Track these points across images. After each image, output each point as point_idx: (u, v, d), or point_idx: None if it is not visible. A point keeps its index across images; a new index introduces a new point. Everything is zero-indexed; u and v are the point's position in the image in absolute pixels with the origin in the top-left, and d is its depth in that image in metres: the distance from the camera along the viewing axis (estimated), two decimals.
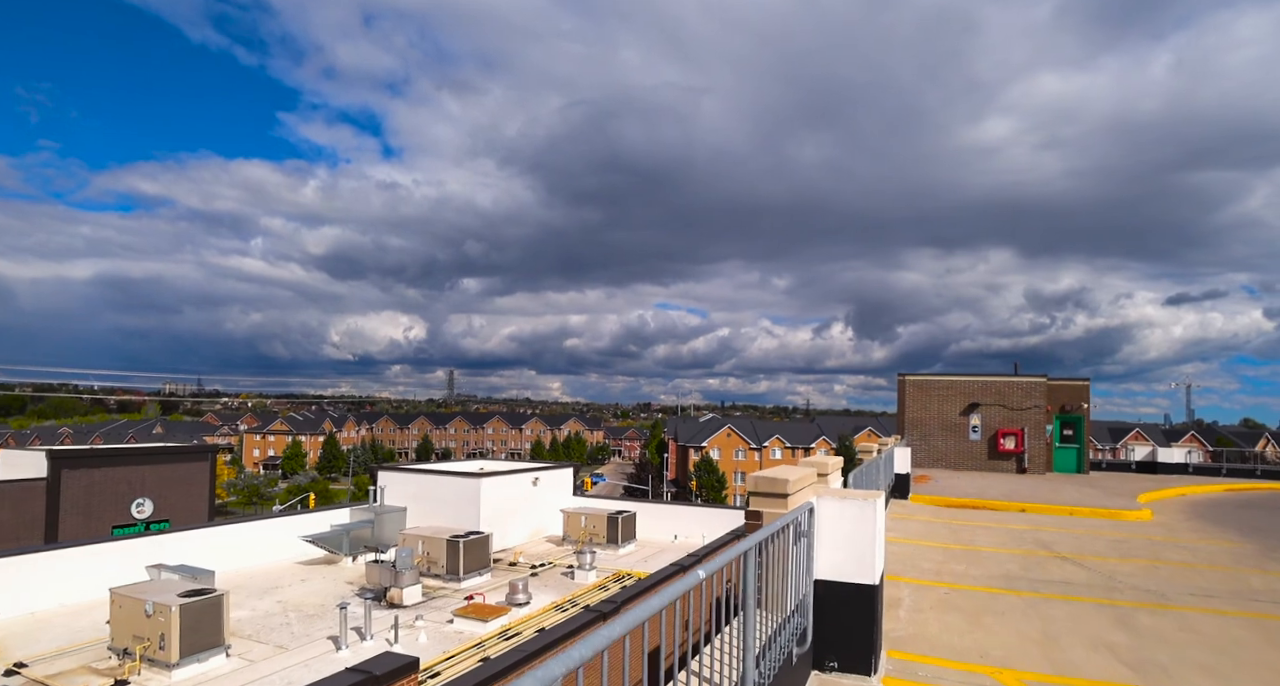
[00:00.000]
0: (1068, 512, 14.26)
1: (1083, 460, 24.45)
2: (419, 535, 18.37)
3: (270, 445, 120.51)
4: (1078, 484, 20.44)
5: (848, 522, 4.47)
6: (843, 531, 4.48)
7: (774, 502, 3.88)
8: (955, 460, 24.20)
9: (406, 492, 22.54)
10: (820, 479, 5.00)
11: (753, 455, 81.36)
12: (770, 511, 3.85)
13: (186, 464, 28.35)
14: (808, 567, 3.93)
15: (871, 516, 4.41)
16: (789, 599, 3.73)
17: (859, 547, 4.45)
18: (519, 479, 23.43)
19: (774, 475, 4.05)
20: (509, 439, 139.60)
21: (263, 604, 15.63)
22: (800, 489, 4.07)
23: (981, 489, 17.89)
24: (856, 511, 4.43)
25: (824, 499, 4.46)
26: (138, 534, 17.23)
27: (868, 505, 4.39)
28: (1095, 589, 7.83)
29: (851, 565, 4.46)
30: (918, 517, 13.25)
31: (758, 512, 3.89)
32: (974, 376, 24.61)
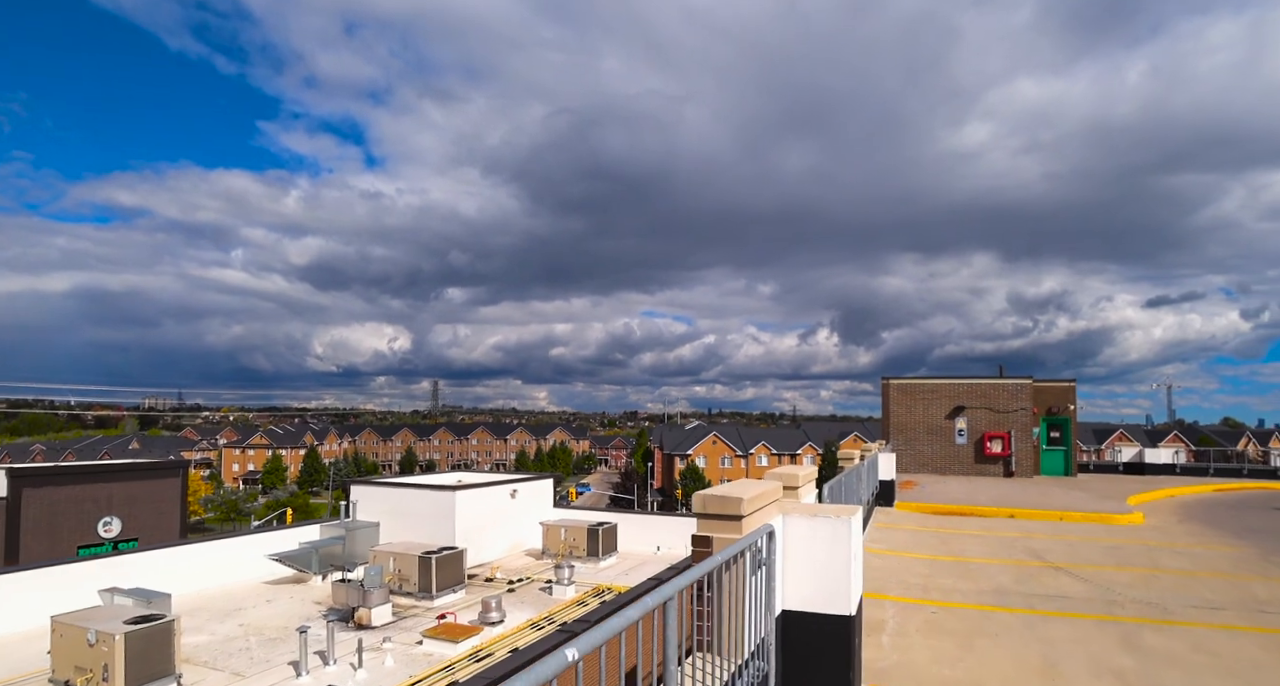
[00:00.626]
0: (1058, 517, 13.76)
1: (1070, 462, 24.05)
2: (390, 551, 17.61)
3: (250, 459, 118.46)
4: (1066, 487, 19.99)
5: (820, 544, 3.85)
6: (814, 555, 3.86)
7: (726, 525, 3.26)
8: (942, 464, 23.71)
9: (380, 507, 21.77)
10: (788, 493, 4.39)
11: (739, 462, 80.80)
12: (722, 536, 3.24)
13: (157, 480, 27.42)
14: (768, 601, 3.31)
15: (846, 537, 3.80)
16: (746, 639, 3.11)
17: (832, 574, 3.83)
18: (496, 491, 22.69)
19: (725, 493, 3.44)
20: (494, 449, 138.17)
21: (223, 627, 14.78)
22: (759, 508, 3.45)
23: (969, 494, 17.38)
24: (829, 531, 3.82)
25: (792, 517, 3.85)
26: (105, 554, 16.47)
27: (842, 524, 3.78)
28: (1094, 603, 7.27)
29: (824, 594, 3.84)
30: (904, 526, 12.68)
31: (706, 538, 3.26)
32: (959, 379, 24.18)
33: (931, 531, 12.14)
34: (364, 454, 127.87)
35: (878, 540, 10.97)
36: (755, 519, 3.39)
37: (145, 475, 26.94)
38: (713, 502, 3.35)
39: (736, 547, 2.93)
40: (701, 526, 3.36)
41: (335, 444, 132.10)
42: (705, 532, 3.31)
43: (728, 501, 3.30)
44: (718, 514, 3.30)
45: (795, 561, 3.90)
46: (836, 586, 3.83)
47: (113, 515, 25.19)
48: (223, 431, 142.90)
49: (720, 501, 3.33)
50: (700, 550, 3.24)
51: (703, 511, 3.35)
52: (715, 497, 3.37)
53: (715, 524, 3.30)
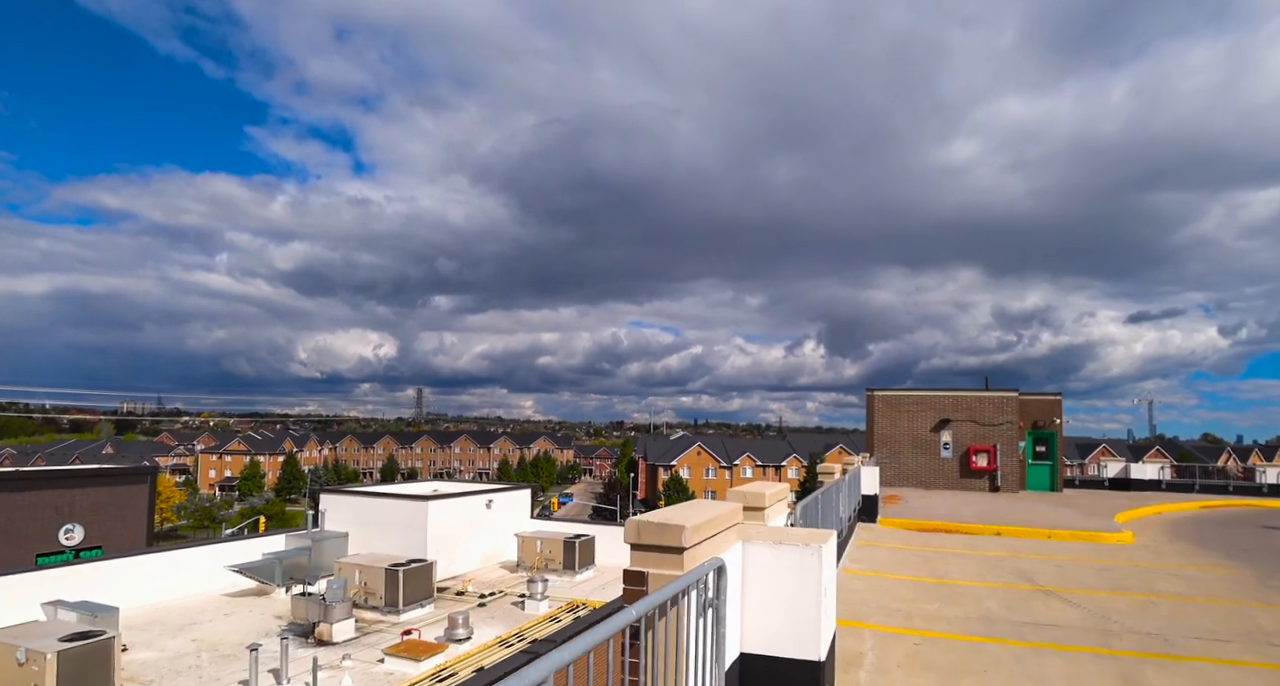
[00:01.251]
0: (1046, 535, 13.25)
1: (1056, 477, 23.65)
2: (356, 563, 16.87)
3: (227, 465, 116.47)
4: (1052, 503, 19.55)
5: (785, 577, 3.27)
6: (778, 589, 3.28)
7: (664, 559, 2.65)
8: (926, 478, 23.23)
9: (350, 517, 21.00)
10: (752, 515, 3.80)
11: (723, 473, 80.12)
12: (660, 572, 2.63)
13: (123, 486, 26.51)
14: (718, 650, 2.71)
15: (816, 568, 3.22)
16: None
17: (800, 611, 3.25)
18: (471, 501, 21.98)
19: (666, 519, 2.79)
20: (477, 458, 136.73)
21: (174, 643, 13.98)
22: (709, 536, 2.85)
23: (954, 509, 16.87)
24: (796, 562, 3.24)
25: (753, 545, 3.26)
26: (65, 562, 15.71)
27: (810, 554, 3.20)
28: (1090, 633, 6.72)
29: (790, 635, 3.25)
30: (886, 543, 12.12)
31: (640, 574, 2.64)
32: (945, 391, 23.75)
33: (915, 549, 11.58)
34: (344, 461, 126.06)
35: (859, 559, 10.40)
36: (703, 549, 2.79)
37: (111, 481, 26.06)
38: (649, 531, 2.70)
39: (677, 586, 2.34)
40: (636, 560, 2.73)
41: (315, 451, 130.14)
42: (640, 567, 2.68)
43: (667, 530, 2.67)
44: (655, 545, 2.68)
45: (757, 596, 3.31)
46: (804, 626, 3.24)
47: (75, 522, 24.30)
48: (200, 437, 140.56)
49: (658, 530, 2.69)
50: (632, 589, 2.64)
51: (637, 541, 2.72)
52: (652, 525, 2.71)
53: (652, 557, 2.69)
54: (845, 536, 10.78)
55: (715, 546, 2.93)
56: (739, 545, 3.28)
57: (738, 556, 3.25)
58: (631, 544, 2.72)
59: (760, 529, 3.56)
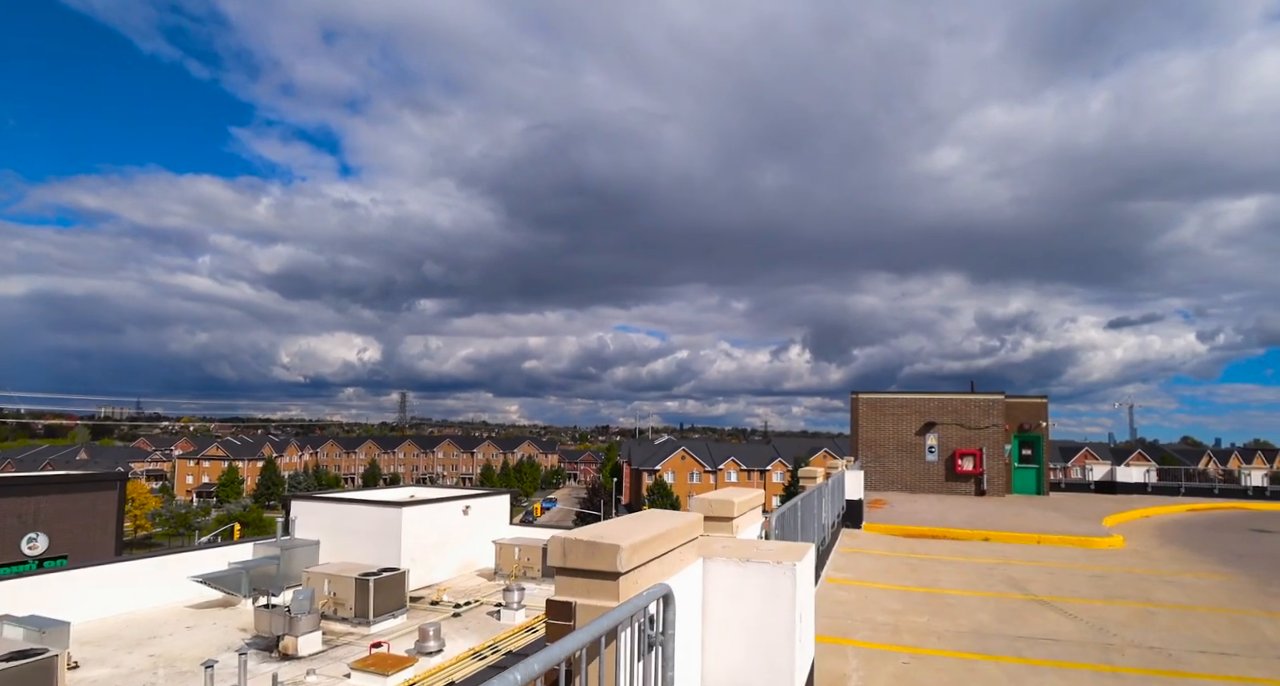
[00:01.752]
0: (1035, 540, 12.84)
1: (1042, 481, 23.35)
2: (324, 573, 16.23)
3: (205, 471, 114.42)
4: (1039, 506, 19.20)
5: (753, 600, 2.75)
6: (746, 614, 2.76)
7: (596, 587, 2.09)
8: (912, 482, 22.84)
9: (322, 524, 20.31)
10: (717, 527, 3.28)
11: (708, 478, 79.62)
12: (589, 603, 2.09)
13: (90, 493, 25.62)
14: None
15: (789, 590, 2.70)
16: None
17: (771, 640, 2.73)
18: (447, 507, 21.35)
19: (597, 537, 2.23)
20: (460, 463, 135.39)
21: (131, 658, 13.26)
22: (655, 556, 2.30)
23: (941, 514, 16.45)
24: (767, 583, 2.73)
25: (716, 564, 2.74)
26: (27, 573, 14.98)
27: (783, 573, 2.68)
28: (1089, 648, 6.25)
29: (759, 667, 2.73)
30: (872, 551, 11.63)
31: (565, 606, 2.08)
32: (930, 395, 23.40)
33: (902, 557, 11.11)
34: (326, 466, 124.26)
35: (843, 567, 9.90)
36: (648, 573, 2.24)
37: (78, 488, 25.21)
38: (577, 551, 2.10)
39: (610, 621, 1.82)
40: (561, 587, 2.18)
41: (296, 456, 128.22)
42: (565, 596, 2.13)
43: (598, 551, 2.07)
44: (584, 569, 2.13)
45: (720, 624, 2.79)
46: (776, 657, 2.73)
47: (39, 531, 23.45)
48: (178, 442, 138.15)
49: (587, 550, 2.09)
50: (556, 624, 2.09)
51: (563, 565, 2.16)
52: (580, 544, 2.12)
53: (580, 584, 2.14)
54: (829, 544, 10.30)
55: (666, 567, 2.40)
56: (698, 564, 2.76)
57: (696, 577, 2.74)
58: (556, 568, 2.17)
59: (727, 543, 3.05)
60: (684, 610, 2.66)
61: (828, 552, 10.17)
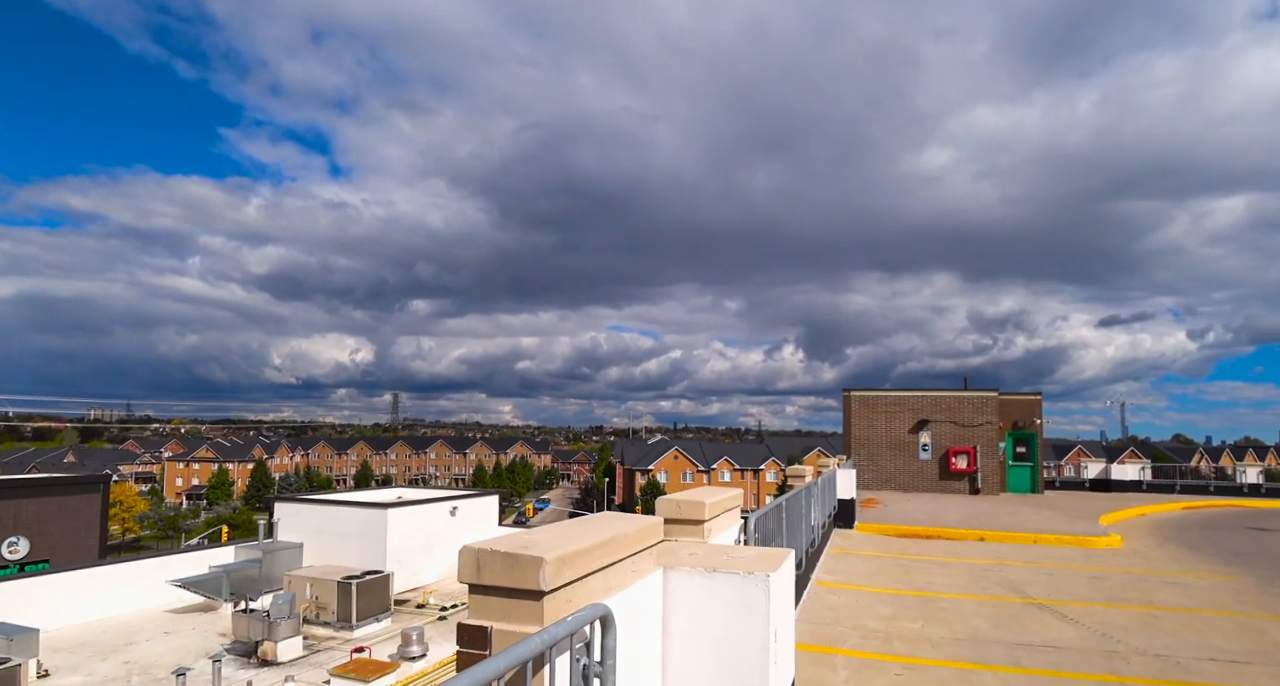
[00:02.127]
0: (1032, 540, 12.50)
1: (1037, 479, 23.06)
2: (306, 576, 15.78)
3: (195, 473, 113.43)
4: (1034, 505, 18.90)
5: (722, 615, 2.37)
6: (712, 629, 2.38)
7: (516, 608, 1.68)
8: (905, 481, 22.52)
9: (306, 527, 19.85)
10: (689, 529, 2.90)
11: (701, 477, 79.22)
12: (508, 628, 1.67)
13: (73, 496, 25.12)
14: None
15: (763, 604, 2.32)
16: None
17: (741, 660, 2.35)
18: (434, 509, 20.91)
19: (520, 547, 1.81)
20: (453, 464, 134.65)
21: (105, 666, 12.79)
22: (593, 570, 1.87)
23: (934, 514, 16.13)
24: (738, 596, 2.34)
25: (678, 574, 2.36)
26: (6, 577, 14.52)
27: (755, 585, 2.30)
28: (1092, 656, 5.89)
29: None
30: (863, 552, 11.27)
31: (480, 631, 1.66)
32: (923, 392, 23.09)
33: (894, 557, 10.75)
34: (317, 468, 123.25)
35: (834, 570, 9.53)
36: (584, 590, 1.83)
37: (60, 491, 24.73)
38: (493, 565, 1.67)
39: (527, 649, 1.43)
40: (476, 608, 1.76)
41: (287, 457, 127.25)
42: (480, 619, 1.72)
43: (518, 565, 1.61)
44: (500, 587, 1.71)
45: (682, 644, 2.40)
46: (747, 678, 2.35)
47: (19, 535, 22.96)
48: (168, 444, 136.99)
49: (505, 564, 1.66)
50: (468, 652, 1.68)
51: (476, 581, 1.75)
52: (496, 557, 1.71)
53: (498, 604, 1.71)
54: (819, 545, 9.93)
55: (613, 581, 2.00)
56: (657, 575, 2.37)
57: (655, 590, 2.36)
58: (470, 585, 1.76)
59: (694, 550, 2.67)
60: (641, 627, 2.28)
61: (818, 554, 9.80)
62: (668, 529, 3.08)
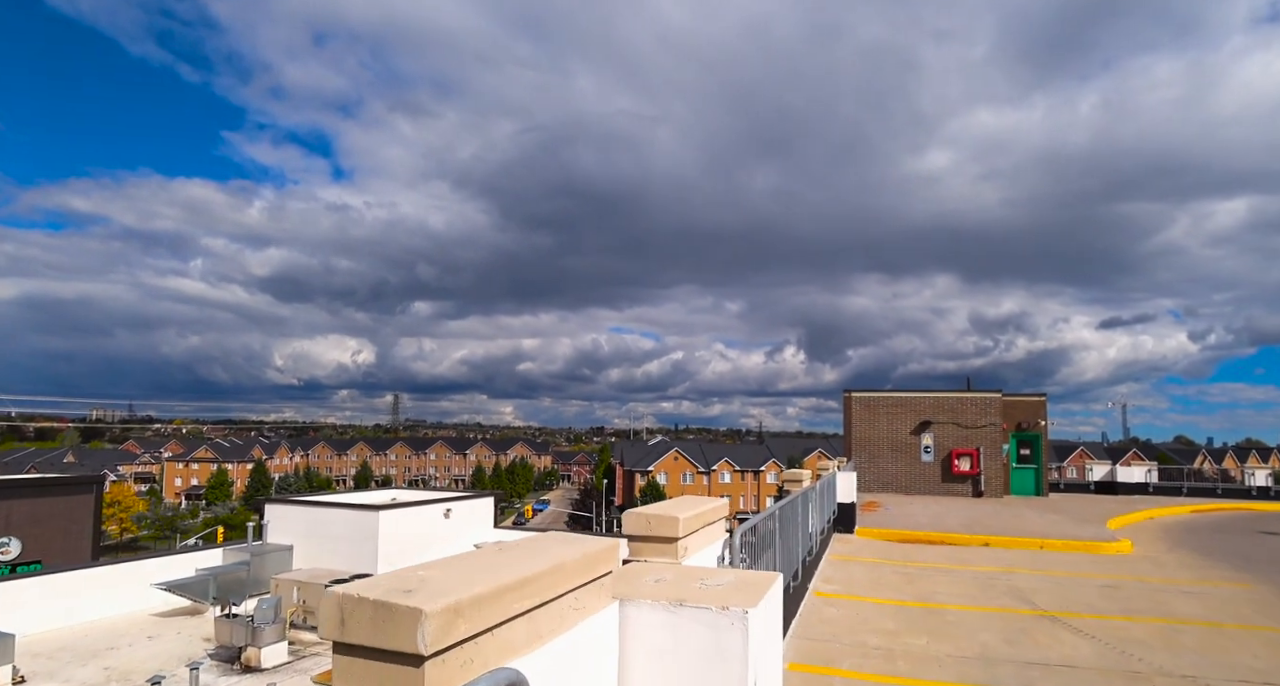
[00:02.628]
0: (1038, 546, 12.05)
1: (1041, 481, 22.60)
2: (294, 580, 15.41)
3: (194, 473, 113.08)
4: (1039, 508, 18.45)
5: (690, 658, 1.93)
6: (679, 676, 1.93)
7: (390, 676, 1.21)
8: (906, 483, 22.07)
9: (296, 529, 19.45)
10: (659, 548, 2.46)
11: (701, 479, 78.76)
12: None
13: (66, 497, 24.79)
14: None
15: (739, 648, 1.89)
16: None
17: None
18: (427, 511, 20.50)
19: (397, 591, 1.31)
20: (453, 465, 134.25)
21: (83, 672, 12.36)
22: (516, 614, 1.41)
23: (937, 517, 15.68)
24: (708, 636, 1.91)
25: (638, 609, 1.93)
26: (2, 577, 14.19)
27: (730, 624, 1.87)
28: (1113, 677, 5.45)
29: None
30: (863, 558, 10.82)
31: None
32: (925, 393, 22.65)
33: (896, 565, 10.31)
34: (317, 468, 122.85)
35: (832, 578, 9.09)
36: (494, 646, 1.38)
37: (52, 492, 24.42)
38: (359, 617, 1.15)
39: None
40: (341, 673, 1.31)
41: (286, 458, 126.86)
42: None
43: (392, 618, 1.07)
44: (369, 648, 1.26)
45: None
46: None
47: (11, 536, 22.63)
48: (168, 444, 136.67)
49: (376, 616, 1.11)
50: None
51: (340, 638, 1.27)
52: (365, 605, 1.19)
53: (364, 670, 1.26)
54: (817, 552, 9.49)
55: (542, 627, 1.56)
56: (612, 610, 1.94)
57: (608, 631, 1.92)
58: (333, 644, 1.31)
59: (662, 576, 2.23)
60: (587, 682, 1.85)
61: (816, 562, 9.36)
62: (637, 547, 2.66)
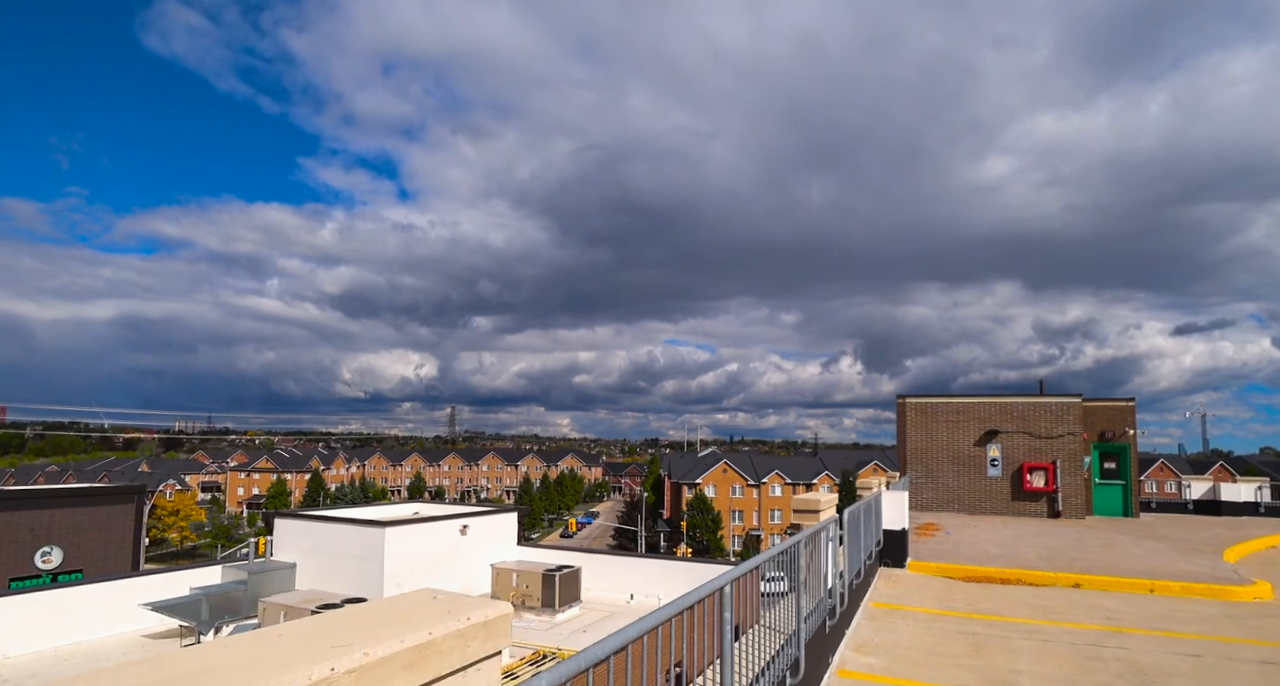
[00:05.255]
0: (1147, 589, 9.54)
1: (1131, 500, 19.60)
2: (281, 604, 13.94)
3: (255, 483, 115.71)
4: (1132, 533, 15.64)
5: None
6: None
7: None
8: (970, 501, 19.41)
9: (304, 544, 18.15)
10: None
11: (750, 492, 75.76)
12: None
13: (107, 507, 24.46)
14: None
15: None
16: None
17: None
18: (440, 527, 18.91)
19: None
20: (504, 476, 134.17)
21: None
22: None
23: (1009, 545, 13.18)
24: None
25: None
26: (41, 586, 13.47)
27: None
28: None
29: None
30: (915, 607, 8.56)
31: None
32: (992, 398, 19.96)
33: (960, 617, 8.04)
34: (372, 479, 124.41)
35: (868, 644, 6.88)
36: None
37: (94, 501, 24.15)
38: None
39: None
40: None
41: (343, 468, 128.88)
42: None
43: None
44: None
45: None
46: None
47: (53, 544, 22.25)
48: (234, 455, 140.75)
49: None
50: None
51: None
52: None
53: None
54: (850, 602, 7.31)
55: None
56: None
57: None
58: None
59: None
60: None
61: (850, 615, 7.21)
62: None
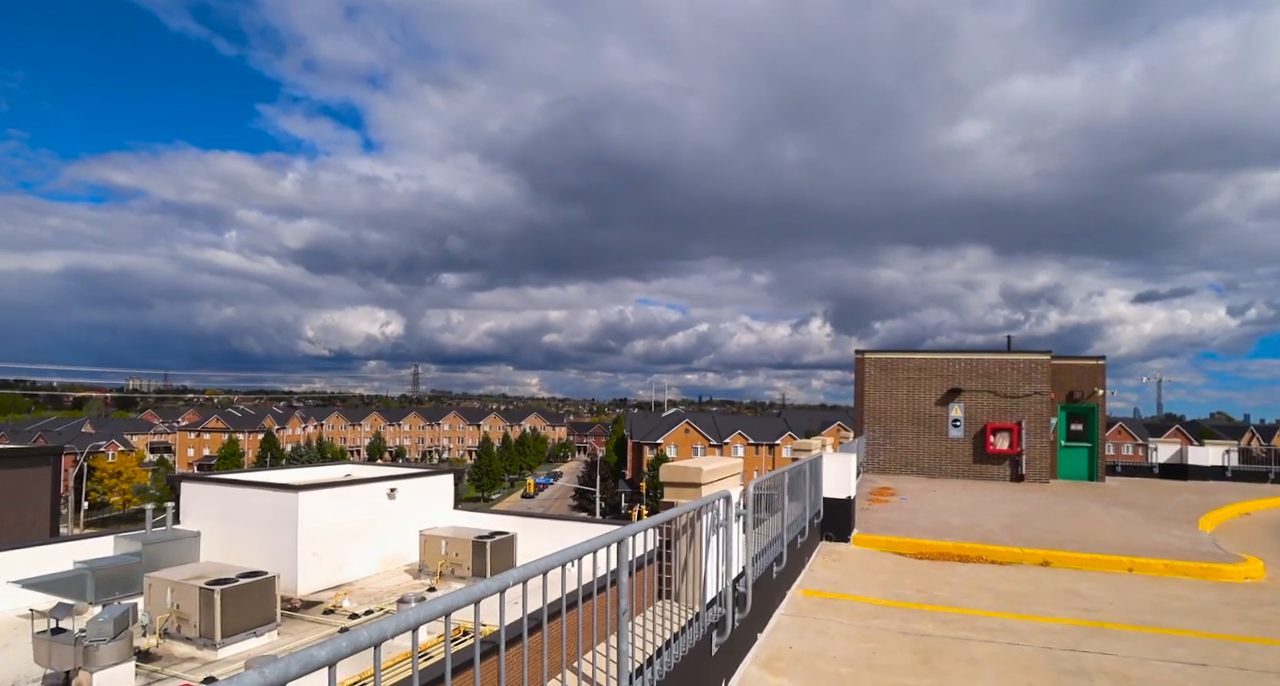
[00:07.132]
0: (1126, 567, 8.22)
1: (1097, 464, 18.59)
2: (167, 580, 12.17)
3: (206, 444, 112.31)
4: (1100, 499, 14.52)
5: None
6: None
7: None
8: (930, 465, 18.21)
9: (214, 511, 16.41)
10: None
11: (713, 452, 75.20)
12: None
13: (19, 470, 22.13)
14: None
15: None
16: None
17: None
18: (364, 491, 17.17)
19: None
20: (466, 435, 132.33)
21: None
22: None
23: (970, 513, 11.87)
24: None
25: None
26: None
27: None
28: None
29: None
30: (855, 596, 7.08)
31: None
32: (956, 354, 18.64)
33: (908, 611, 6.58)
34: (330, 439, 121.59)
35: (790, 653, 5.35)
36: None
37: (5, 465, 21.85)
38: None
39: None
40: None
41: (300, 428, 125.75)
42: None
43: None
44: None
45: None
46: None
47: None
48: (185, 414, 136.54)
49: None
50: None
51: None
52: None
53: None
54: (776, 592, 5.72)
55: None
56: None
57: None
58: None
59: None
60: None
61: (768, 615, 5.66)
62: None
